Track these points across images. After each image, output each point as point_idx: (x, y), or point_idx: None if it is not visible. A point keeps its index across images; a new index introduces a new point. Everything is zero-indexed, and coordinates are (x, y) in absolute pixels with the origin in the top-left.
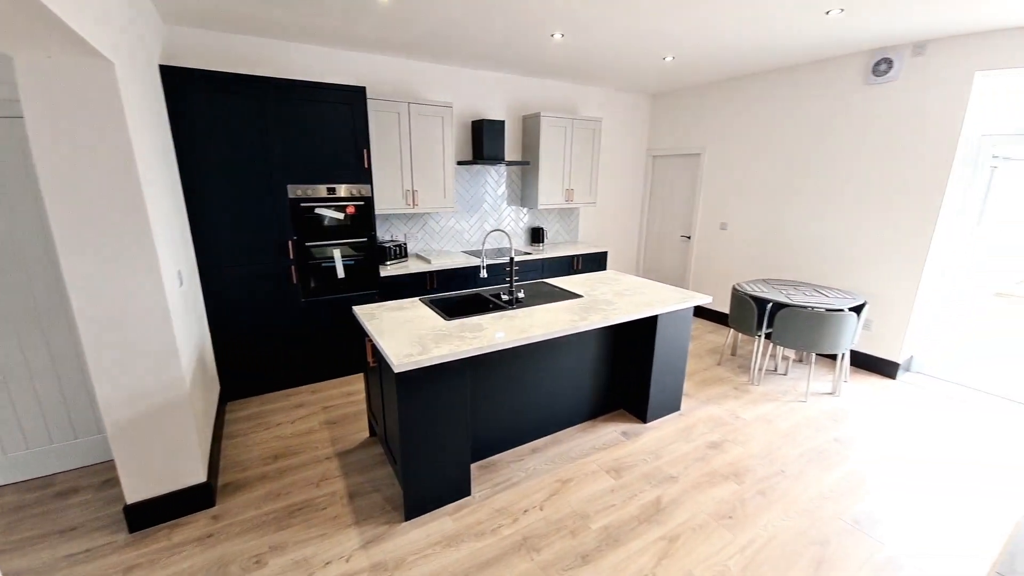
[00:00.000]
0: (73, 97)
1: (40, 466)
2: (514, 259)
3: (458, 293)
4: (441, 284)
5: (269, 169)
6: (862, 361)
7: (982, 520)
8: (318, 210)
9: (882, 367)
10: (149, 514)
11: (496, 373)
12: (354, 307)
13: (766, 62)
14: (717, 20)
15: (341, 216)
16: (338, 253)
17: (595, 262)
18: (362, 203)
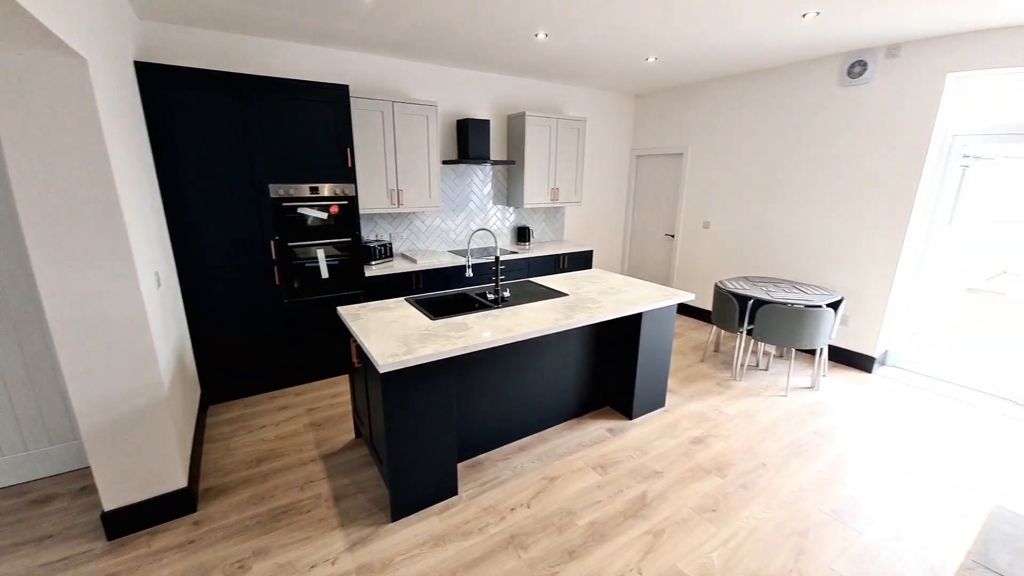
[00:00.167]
0: (45, 96)
1: (15, 474)
2: (499, 258)
3: (444, 293)
4: (427, 284)
5: (250, 168)
6: (840, 356)
7: (956, 510)
8: (301, 210)
9: (859, 361)
10: (128, 521)
11: (482, 372)
12: (338, 307)
13: (746, 64)
14: (697, 22)
15: (325, 216)
16: (322, 253)
17: (581, 261)
18: (346, 202)
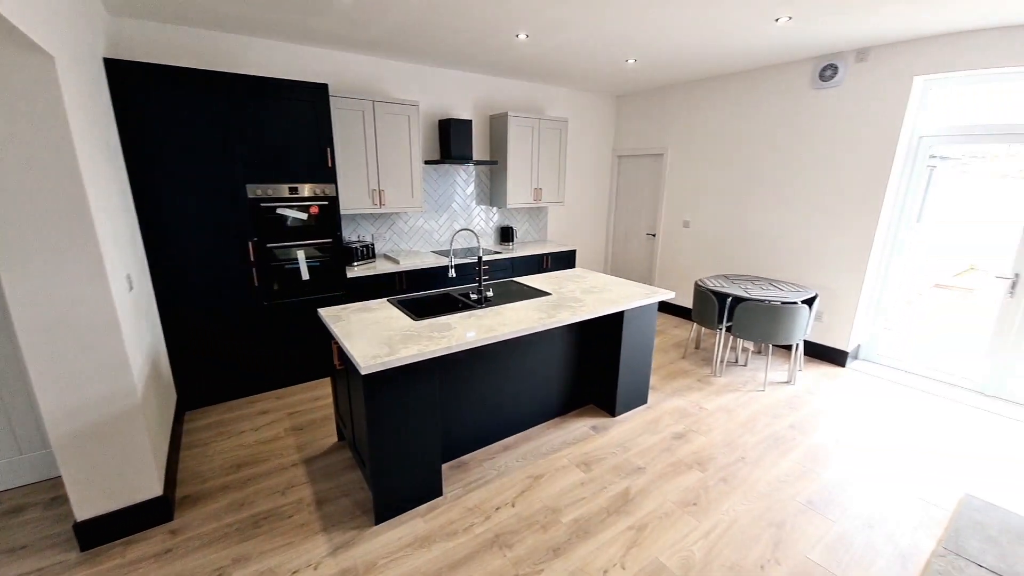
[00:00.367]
0: (10, 94)
1: None
2: (482, 258)
3: (427, 293)
4: (411, 285)
5: (226, 168)
6: (815, 351)
7: (927, 499)
8: (280, 210)
9: (833, 356)
10: (102, 531)
11: (466, 372)
12: (319, 309)
13: (723, 66)
14: (674, 26)
15: (305, 216)
16: (302, 254)
17: (564, 260)
18: (326, 203)
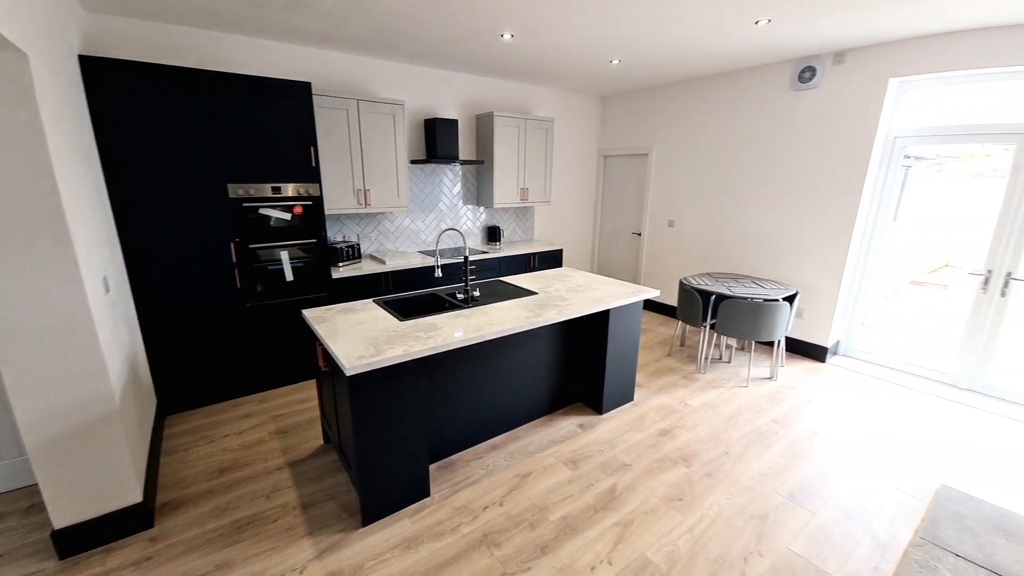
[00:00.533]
0: None
1: None
2: (469, 258)
3: (413, 293)
4: (397, 285)
5: (206, 167)
6: (796, 347)
7: (904, 489)
8: (263, 210)
9: (813, 352)
10: (80, 539)
11: (453, 372)
12: (303, 310)
13: (705, 68)
14: (657, 27)
15: (288, 216)
16: (286, 255)
17: (551, 260)
18: (310, 203)
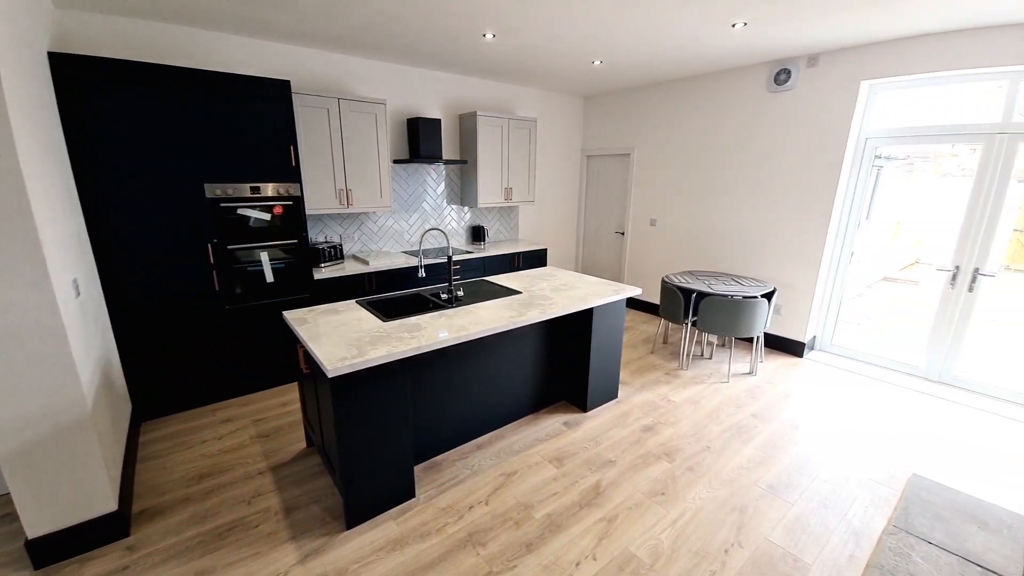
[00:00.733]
0: None
1: None
2: (452, 257)
3: (396, 294)
4: (381, 285)
5: (182, 167)
6: (774, 342)
7: (878, 479)
8: (242, 210)
9: (791, 347)
10: (55, 548)
11: (437, 373)
12: (284, 312)
13: (685, 69)
14: (637, 28)
15: (268, 217)
16: (266, 256)
17: (535, 259)
18: (291, 203)
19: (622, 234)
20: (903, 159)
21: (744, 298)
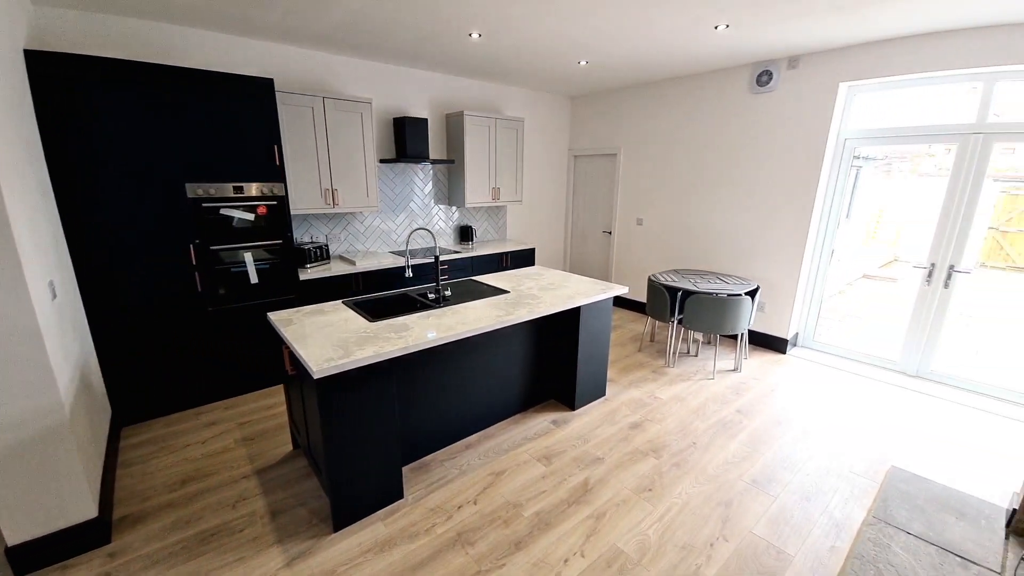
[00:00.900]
0: None
1: None
2: (440, 257)
3: (383, 294)
4: (368, 286)
5: (163, 166)
6: (758, 339)
7: (857, 471)
8: (224, 211)
9: (774, 344)
10: (36, 556)
11: (425, 373)
12: (269, 313)
13: (669, 70)
14: (620, 29)
15: (251, 217)
16: (250, 257)
17: (523, 259)
18: (275, 203)
19: (609, 233)
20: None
21: (729, 296)
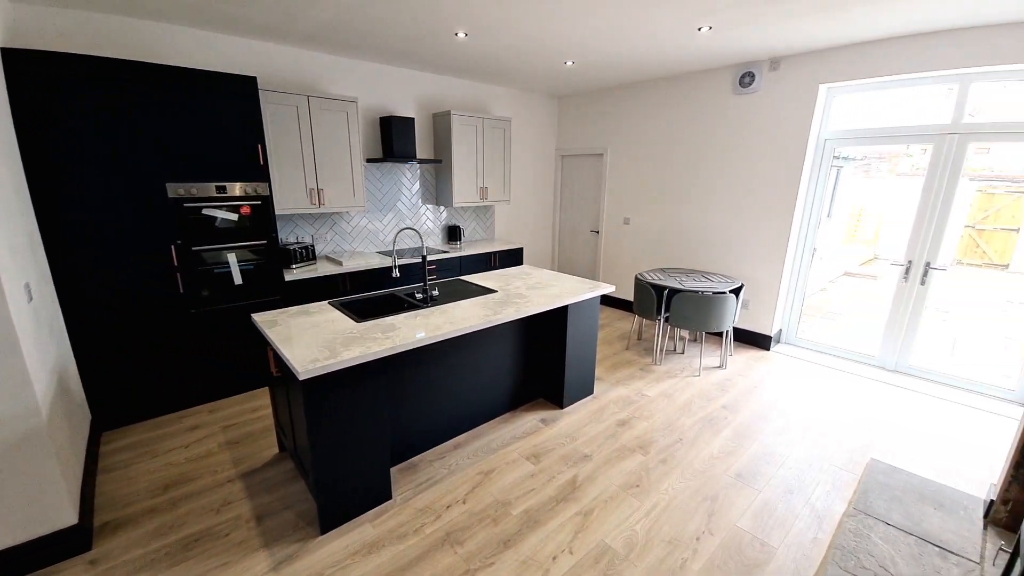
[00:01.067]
0: None
1: None
2: (427, 257)
3: (370, 294)
4: (355, 286)
5: (143, 165)
6: (743, 336)
7: (838, 464)
8: (207, 211)
9: (758, 340)
10: (15, 563)
11: (413, 373)
12: (253, 315)
13: (654, 71)
14: (605, 29)
15: (235, 217)
16: (233, 257)
17: (512, 258)
18: (259, 202)
19: (597, 232)
20: (861, 159)
21: (714, 294)
